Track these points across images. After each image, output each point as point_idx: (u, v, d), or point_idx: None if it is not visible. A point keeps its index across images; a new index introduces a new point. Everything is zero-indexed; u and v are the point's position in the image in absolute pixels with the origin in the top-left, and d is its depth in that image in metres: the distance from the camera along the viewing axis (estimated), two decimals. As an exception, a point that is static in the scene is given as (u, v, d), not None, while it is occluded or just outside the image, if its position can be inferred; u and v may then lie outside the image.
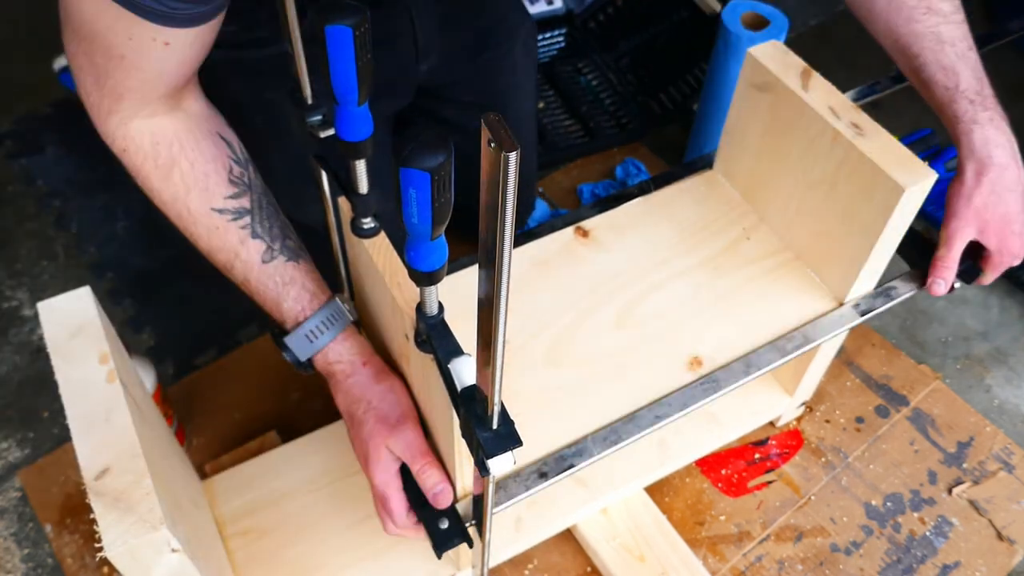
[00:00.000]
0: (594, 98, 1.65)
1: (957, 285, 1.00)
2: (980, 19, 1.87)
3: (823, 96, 0.93)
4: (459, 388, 0.62)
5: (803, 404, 1.22)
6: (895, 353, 1.31)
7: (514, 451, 0.59)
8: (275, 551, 0.99)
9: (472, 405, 0.60)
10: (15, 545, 1.12)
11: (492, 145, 0.41)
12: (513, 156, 0.41)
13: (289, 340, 0.86)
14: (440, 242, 0.59)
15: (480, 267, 0.50)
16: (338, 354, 0.87)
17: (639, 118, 1.61)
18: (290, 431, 1.18)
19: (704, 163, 1.13)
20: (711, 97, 1.41)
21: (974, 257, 0.99)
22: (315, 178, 0.87)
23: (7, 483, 1.17)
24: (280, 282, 0.85)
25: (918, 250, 1.01)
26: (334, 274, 1.00)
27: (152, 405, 0.93)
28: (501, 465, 0.59)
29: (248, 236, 0.83)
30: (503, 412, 0.59)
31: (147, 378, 1.09)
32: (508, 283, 0.48)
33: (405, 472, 0.84)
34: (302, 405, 1.25)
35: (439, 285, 0.64)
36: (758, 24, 1.34)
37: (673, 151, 1.58)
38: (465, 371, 0.62)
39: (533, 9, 1.72)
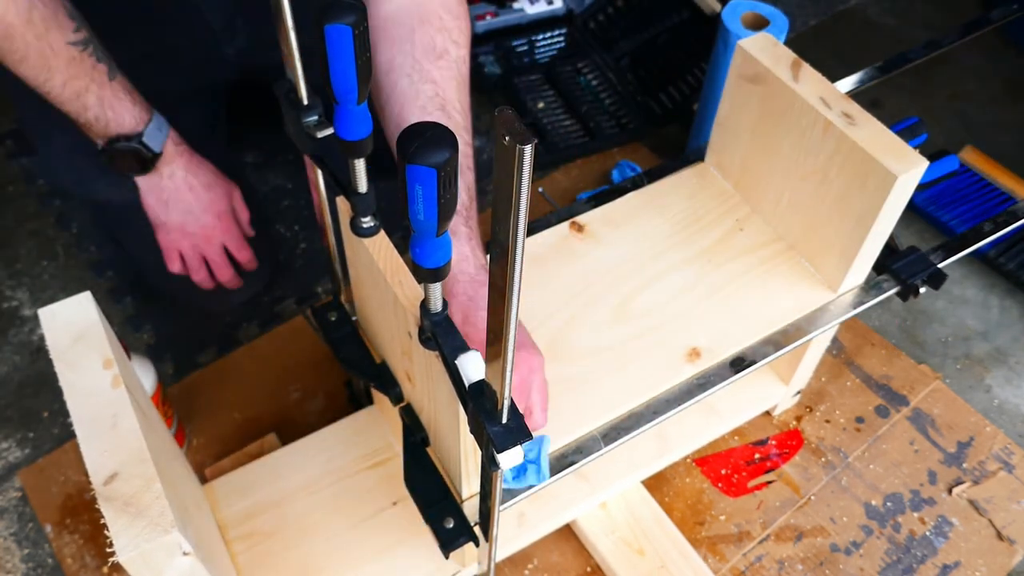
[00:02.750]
0: (594, 98, 1.65)
1: (923, 290, 1.02)
2: (973, 5, 1.88)
3: (814, 87, 0.93)
4: (466, 384, 0.62)
5: (798, 393, 1.23)
6: (895, 353, 1.31)
7: (523, 445, 0.59)
8: (278, 554, 0.99)
9: (481, 400, 0.60)
10: (15, 545, 1.12)
11: (507, 139, 0.41)
12: (528, 149, 0.41)
13: (148, 136, 1.06)
14: (445, 238, 0.59)
15: (491, 261, 0.50)
16: (180, 138, 1.12)
17: (639, 118, 1.61)
18: (290, 431, 1.18)
19: (696, 156, 1.14)
20: (711, 97, 1.42)
21: None
22: (311, 178, 0.88)
23: (7, 483, 1.17)
24: (126, 90, 1.05)
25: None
26: (330, 275, 1.00)
27: (154, 409, 0.92)
28: (511, 459, 0.59)
29: (96, 60, 1.00)
30: (512, 406, 0.59)
31: (147, 378, 1.09)
32: (520, 277, 0.48)
33: (412, 461, 0.85)
34: (302, 405, 1.24)
35: (443, 282, 0.64)
36: (758, 24, 1.34)
37: (673, 151, 1.58)
38: (472, 367, 0.62)
39: (533, 9, 1.72)
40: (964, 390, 1.30)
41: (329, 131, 0.79)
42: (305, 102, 0.78)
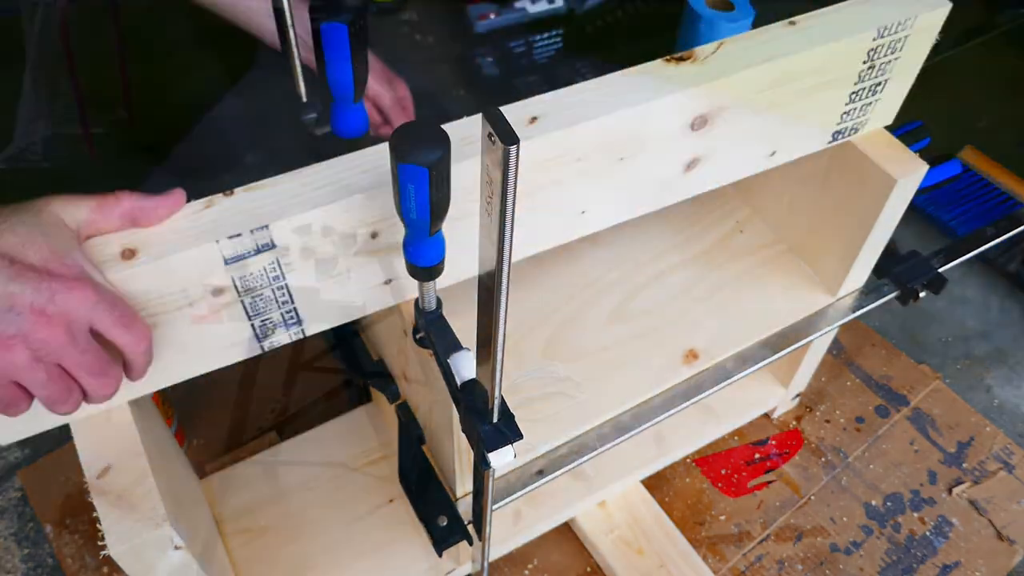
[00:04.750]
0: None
1: (923, 294, 1.02)
2: (979, 10, 1.87)
3: None
4: (459, 383, 0.62)
5: (797, 396, 1.23)
6: (895, 353, 1.31)
7: (514, 445, 0.59)
8: (275, 549, 0.99)
9: (472, 399, 0.60)
10: (15, 545, 1.12)
11: (492, 139, 0.41)
12: (514, 149, 0.41)
13: None
14: (438, 237, 0.59)
15: (480, 261, 0.50)
16: None
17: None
18: (290, 431, 1.18)
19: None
20: None
21: None
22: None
23: (7, 483, 1.17)
24: None
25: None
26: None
27: (151, 403, 0.93)
28: (502, 458, 0.59)
29: None
30: (503, 405, 0.59)
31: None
32: (508, 277, 0.48)
33: (407, 458, 0.85)
34: (302, 405, 1.24)
35: (436, 280, 0.64)
36: (724, 7, 1.35)
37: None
38: (464, 366, 0.62)
39: (534, 8, 1.72)
40: (964, 390, 1.30)
41: (326, 129, 0.79)
42: (304, 99, 0.78)
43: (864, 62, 0.81)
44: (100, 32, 1.22)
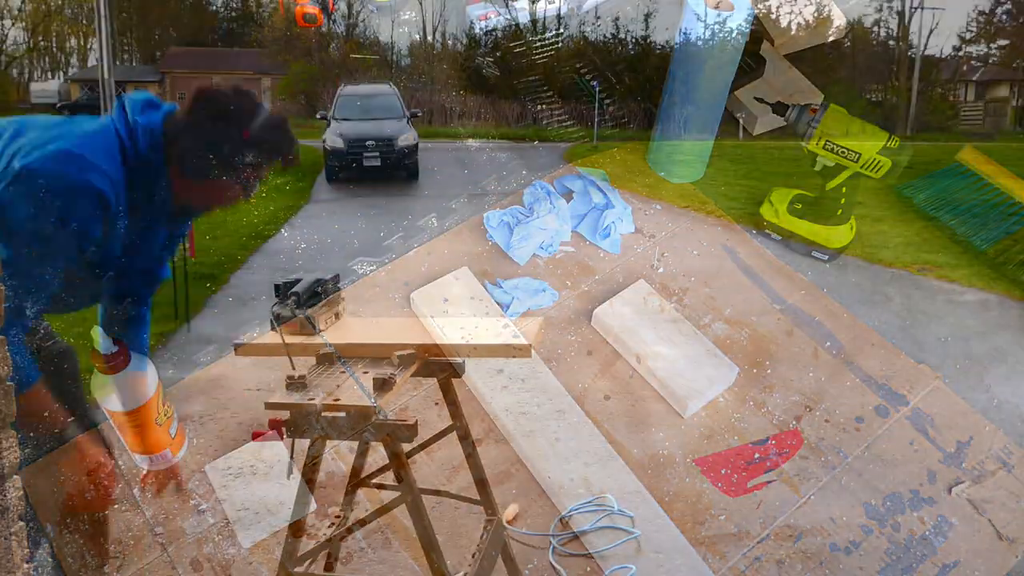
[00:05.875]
0: (593, 98, 1.65)
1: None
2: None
3: None
4: None
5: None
6: (895, 353, 1.31)
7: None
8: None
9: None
10: (16, 545, 1.11)
11: None
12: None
13: None
14: None
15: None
16: None
17: (639, 118, 1.61)
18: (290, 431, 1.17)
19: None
20: (678, 70, 1.42)
21: None
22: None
23: (7, 483, 1.17)
24: None
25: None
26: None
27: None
28: None
29: None
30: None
31: (147, 378, 1.09)
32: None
33: None
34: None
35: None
36: (724, 5, 1.35)
37: (673, 151, 1.58)
38: None
39: (534, 8, 1.71)
40: (964, 390, 1.30)
41: None
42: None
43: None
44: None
